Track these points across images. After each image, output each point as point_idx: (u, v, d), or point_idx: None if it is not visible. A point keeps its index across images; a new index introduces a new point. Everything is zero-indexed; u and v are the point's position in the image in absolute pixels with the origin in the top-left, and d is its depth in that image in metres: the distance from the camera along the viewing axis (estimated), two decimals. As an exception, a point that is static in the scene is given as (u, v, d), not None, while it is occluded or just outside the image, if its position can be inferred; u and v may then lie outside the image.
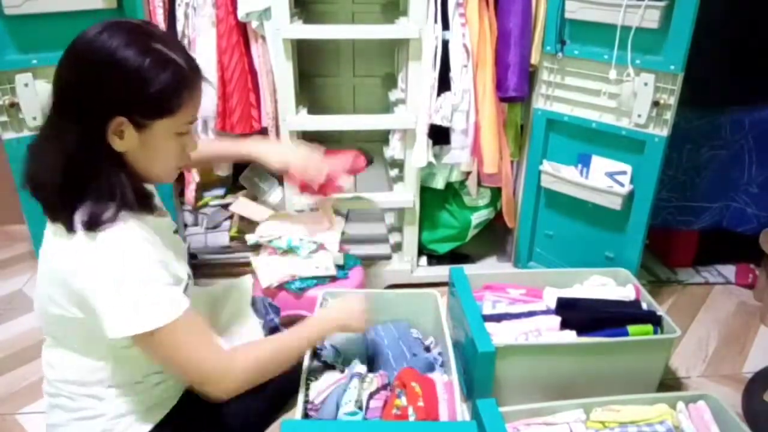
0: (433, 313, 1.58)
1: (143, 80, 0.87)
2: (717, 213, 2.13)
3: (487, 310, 1.65)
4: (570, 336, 1.55)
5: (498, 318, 1.61)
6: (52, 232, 0.93)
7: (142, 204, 0.95)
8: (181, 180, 2.06)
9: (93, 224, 0.88)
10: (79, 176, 0.90)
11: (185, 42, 1.85)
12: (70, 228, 0.89)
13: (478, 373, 1.45)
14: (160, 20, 1.79)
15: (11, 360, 1.78)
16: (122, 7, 1.67)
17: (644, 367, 1.56)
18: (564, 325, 1.57)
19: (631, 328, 1.57)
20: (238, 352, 1.02)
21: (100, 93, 0.87)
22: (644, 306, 1.67)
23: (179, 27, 1.82)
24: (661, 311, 1.62)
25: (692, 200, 2.11)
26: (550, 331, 1.57)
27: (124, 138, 0.90)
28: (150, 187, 1.07)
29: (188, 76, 0.92)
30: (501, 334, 1.54)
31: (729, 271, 2.24)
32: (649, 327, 1.58)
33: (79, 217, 0.89)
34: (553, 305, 1.64)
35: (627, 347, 1.53)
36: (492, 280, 1.78)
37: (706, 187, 2.09)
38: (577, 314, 1.59)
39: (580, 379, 1.54)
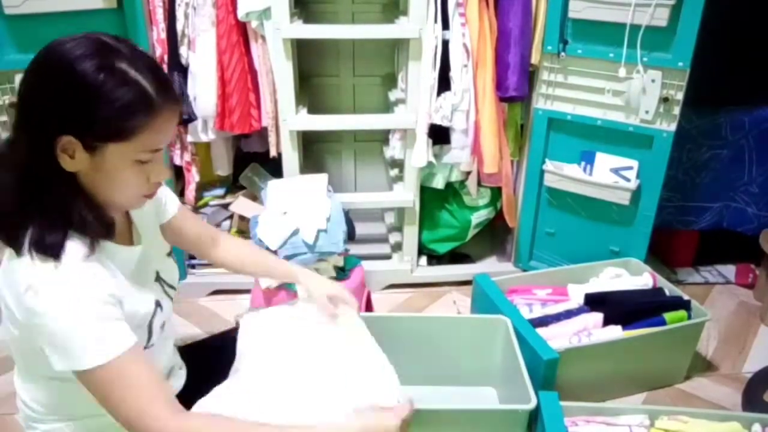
0: (502, 340, 1.51)
1: (94, 98, 0.79)
2: (717, 213, 2.13)
3: (526, 314, 1.64)
4: (616, 331, 1.58)
5: (544, 322, 1.61)
6: (9, 252, 0.86)
7: (100, 231, 0.88)
8: (181, 180, 2.06)
9: (39, 248, 0.82)
10: (27, 196, 0.83)
11: (185, 42, 1.85)
12: (18, 251, 0.83)
13: (543, 381, 1.42)
14: (160, 20, 1.79)
15: (11, 360, 1.77)
16: (122, 7, 1.67)
17: (678, 354, 1.64)
18: (605, 321, 1.60)
19: (667, 316, 1.60)
20: (192, 419, 0.89)
21: (49, 106, 0.80)
22: (666, 292, 1.72)
23: (179, 27, 1.82)
24: (685, 296, 1.67)
25: (692, 200, 2.11)
26: (596, 328, 1.59)
27: (75, 158, 0.82)
28: (141, 210, 1.01)
29: (151, 101, 0.82)
30: (555, 339, 1.54)
31: (729, 271, 2.24)
32: (683, 312, 1.62)
33: (27, 240, 0.82)
34: (581, 302, 1.67)
35: (669, 334, 1.58)
36: (510, 284, 1.79)
37: (707, 187, 2.09)
38: (612, 309, 1.61)
39: (622, 373, 1.59)
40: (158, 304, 1.00)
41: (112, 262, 0.92)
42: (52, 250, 0.82)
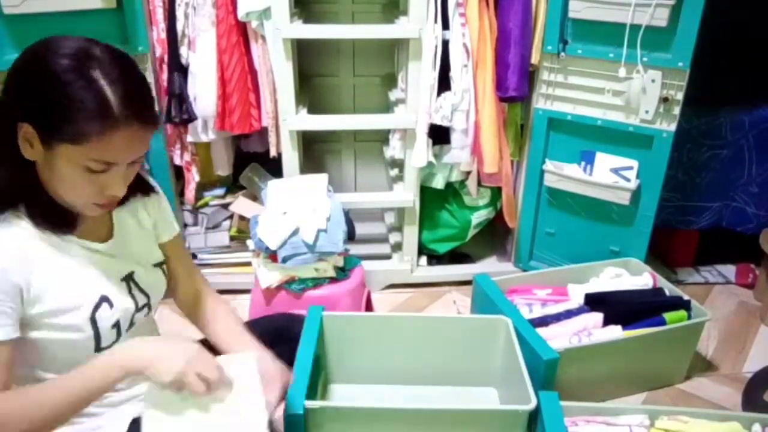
0: (503, 341, 1.50)
1: (55, 95, 0.81)
2: (717, 213, 2.13)
3: (526, 314, 1.64)
4: (616, 331, 1.58)
5: (544, 322, 1.61)
6: None
7: (50, 218, 0.90)
8: (181, 180, 2.06)
9: None
10: None
11: (185, 42, 1.85)
12: None
13: (543, 381, 1.41)
14: (160, 20, 1.79)
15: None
16: (122, 7, 1.67)
17: (678, 354, 1.65)
18: (605, 321, 1.60)
19: (667, 316, 1.61)
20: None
21: (19, 90, 0.84)
22: (666, 292, 1.72)
23: (179, 27, 1.82)
24: (685, 296, 1.68)
25: (692, 200, 2.11)
26: (596, 328, 1.59)
27: (34, 148, 0.85)
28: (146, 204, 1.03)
29: (110, 113, 0.81)
30: (555, 339, 1.53)
31: (729, 271, 2.24)
32: (683, 312, 1.62)
33: None
34: (581, 302, 1.67)
35: (669, 334, 1.59)
36: (510, 284, 1.79)
37: (707, 187, 2.09)
38: (612, 309, 1.61)
39: (622, 373, 1.59)
40: (105, 299, 0.96)
41: (53, 249, 0.92)
42: None
